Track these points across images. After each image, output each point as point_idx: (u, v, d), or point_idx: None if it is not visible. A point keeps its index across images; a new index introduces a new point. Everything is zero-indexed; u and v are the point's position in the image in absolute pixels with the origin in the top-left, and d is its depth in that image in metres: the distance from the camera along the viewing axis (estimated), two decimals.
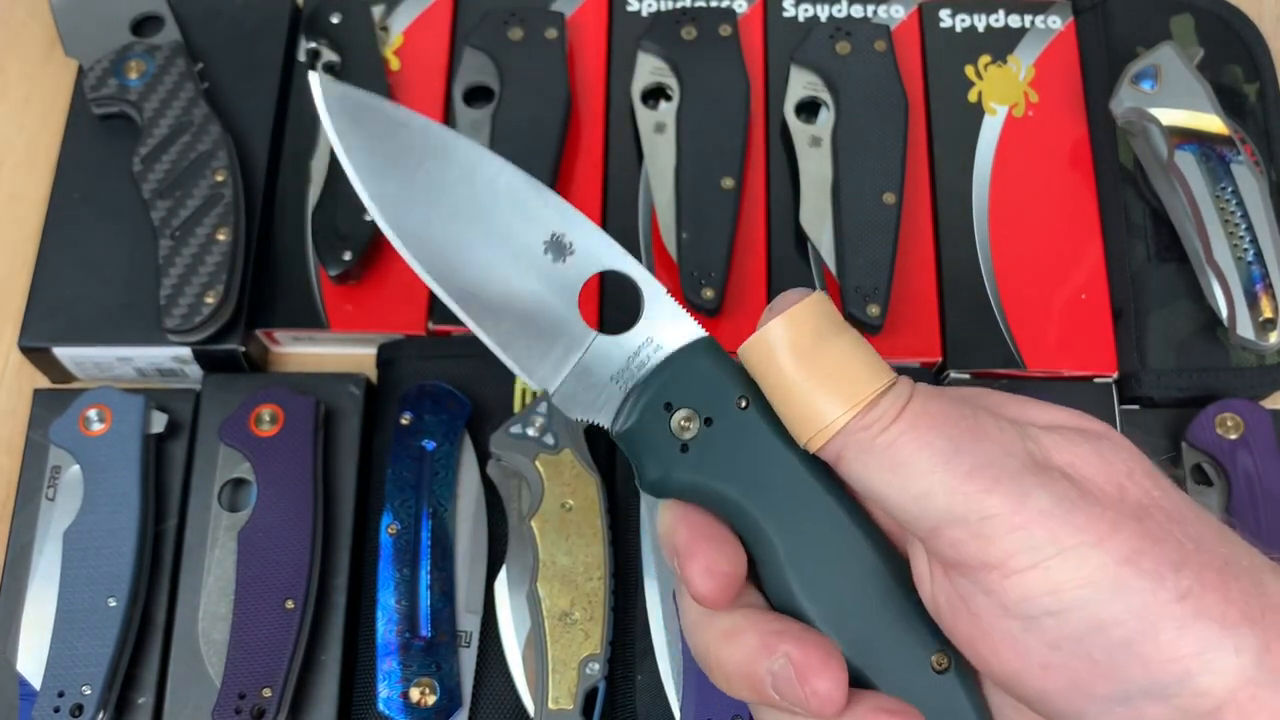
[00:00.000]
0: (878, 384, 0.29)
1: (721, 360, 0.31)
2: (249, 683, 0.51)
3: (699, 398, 0.31)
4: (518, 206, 0.32)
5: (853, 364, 0.29)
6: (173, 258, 0.59)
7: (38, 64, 0.70)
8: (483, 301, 0.32)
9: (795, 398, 0.29)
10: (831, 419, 0.29)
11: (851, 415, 0.29)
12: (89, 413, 0.56)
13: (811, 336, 0.29)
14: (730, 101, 0.64)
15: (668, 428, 0.31)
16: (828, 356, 0.29)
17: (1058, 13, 0.69)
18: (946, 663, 0.31)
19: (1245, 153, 0.60)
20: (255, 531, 0.54)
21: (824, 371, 0.29)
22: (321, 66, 0.66)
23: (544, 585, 0.53)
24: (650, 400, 0.31)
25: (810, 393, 0.29)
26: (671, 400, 0.31)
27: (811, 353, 0.29)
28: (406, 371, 0.60)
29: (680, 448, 0.31)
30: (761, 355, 0.30)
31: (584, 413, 0.32)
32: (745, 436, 0.30)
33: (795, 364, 0.29)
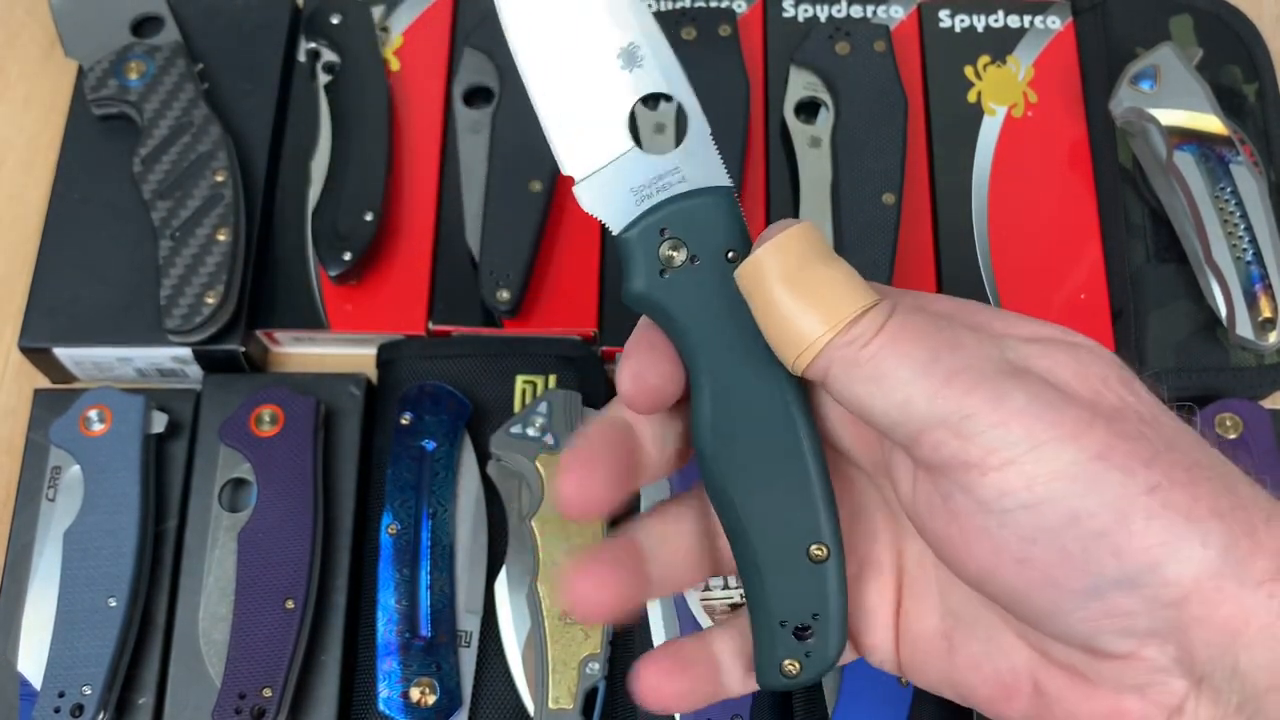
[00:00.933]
0: (859, 304, 0.30)
1: (731, 212, 0.33)
2: (249, 683, 0.51)
3: (694, 235, 0.33)
4: (612, 8, 0.34)
5: (836, 286, 0.30)
6: (173, 258, 0.59)
7: (38, 65, 0.70)
8: (551, 77, 0.34)
9: (780, 319, 0.31)
10: (814, 337, 0.30)
11: (833, 333, 0.30)
12: (89, 413, 0.56)
13: (797, 261, 0.30)
14: (730, 102, 0.64)
15: (656, 250, 0.33)
16: (812, 280, 0.30)
17: (1057, 13, 0.69)
18: (825, 554, 0.33)
19: (1244, 153, 0.60)
20: (255, 532, 0.54)
21: (808, 294, 0.30)
22: (321, 67, 0.66)
23: (544, 585, 0.53)
24: (653, 220, 0.33)
25: (795, 314, 0.30)
26: (668, 226, 0.33)
27: (797, 276, 0.30)
28: (406, 372, 0.60)
29: (660, 271, 0.33)
30: (751, 280, 0.31)
31: (597, 209, 0.34)
32: (720, 285, 0.32)
33: (781, 287, 0.30)
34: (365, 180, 0.62)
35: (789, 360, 0.31)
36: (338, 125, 0.64)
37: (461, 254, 0.63)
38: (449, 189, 0.64)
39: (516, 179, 0.62)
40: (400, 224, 0.63)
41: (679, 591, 0.48)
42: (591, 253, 0.63)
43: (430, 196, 0.64)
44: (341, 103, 0.65)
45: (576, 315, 0.62)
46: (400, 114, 0.66)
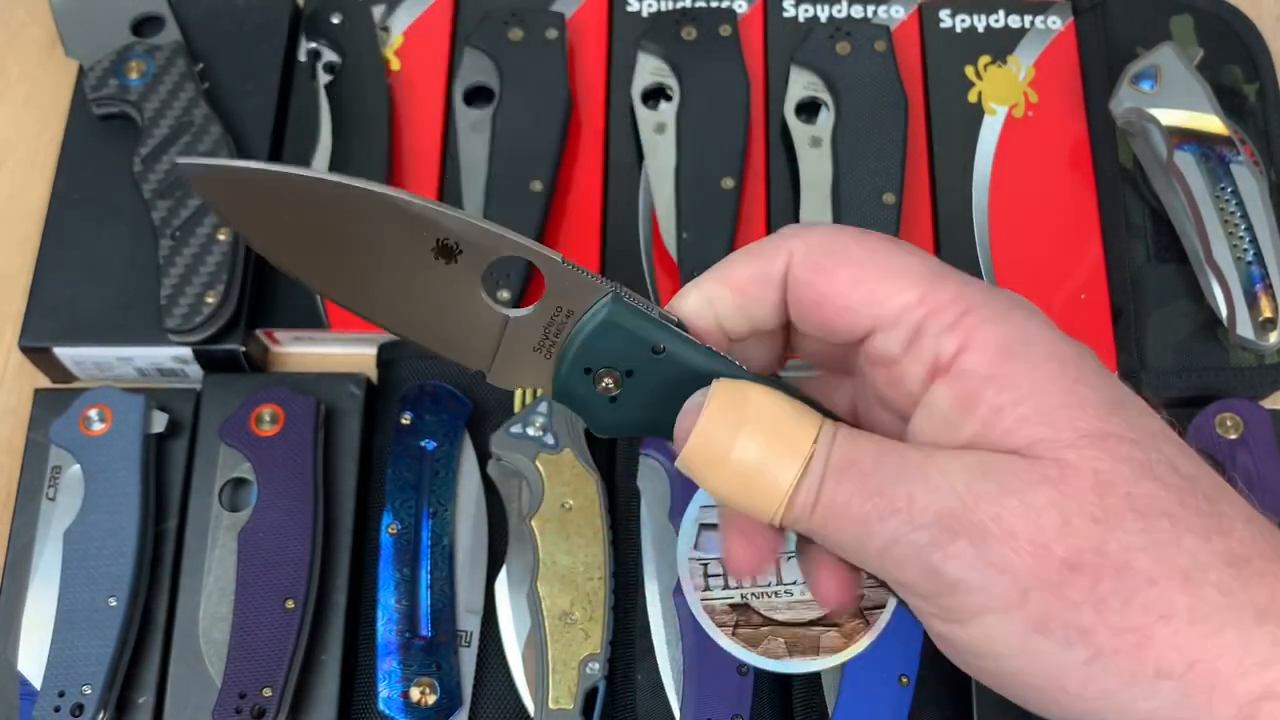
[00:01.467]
0: (787, 478, 0.30)
1: (631, 315, 0.32)
2: (249, 682, 0.51)
3: (615, 357, 0.32)
4: (398, 223, 0.32)
5: (760, 472, 0.30)
6: (173, 258, 0.59)
7: (38, 64, 0.70)
8: (399, 317, 0.33)
9: (736, 505, 0.31)
10: (769, 518, 0.31)
11: (780, 516, 0.30)
12: (89, 413, 0.56)
13: (718, 450, 0.30)
14: (730, 102, 0.64)
15: (593, 388, 0.33)
16: (738, 469, 0.30)
17: (1057, 13, 0.69)
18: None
19: (1245, 153, 0.60)
20: (256, 531, 0.54)
21: (740, 481, 0.31)
22: (322, 67, 0.66)
23: (544, 585, 0.53)
24: (570, 368, 0.33)
25: (742, 502, 0.31)
26: (590, 365, 0.32)
27: (723, 466, 0.31)
28: (407, 371, 0.60)
29: (609, 400, 0.33)
30: (692, 475, 0.32)
31: (523, 384, 0.34)
32: (667, 378, 0.32)
33: (717, 483, 0.31)
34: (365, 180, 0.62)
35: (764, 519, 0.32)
36: (338, 125, 0.64)
37: None
38: (449, 188, 0.64)
39: (517, 178, 0.62)
40: None
41: None
42: (591, 253, 0.63)
43: (430, 196, 0.64)
44: (342, 102, 0.65)
45: None
46: (401, 114, 0.66)
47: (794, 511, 0.30)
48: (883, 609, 0.51)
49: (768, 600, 0.52)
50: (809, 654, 0.52)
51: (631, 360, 0.32)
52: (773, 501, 0.30)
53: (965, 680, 0.54)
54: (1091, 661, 0.27)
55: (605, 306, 0.32)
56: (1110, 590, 0.27)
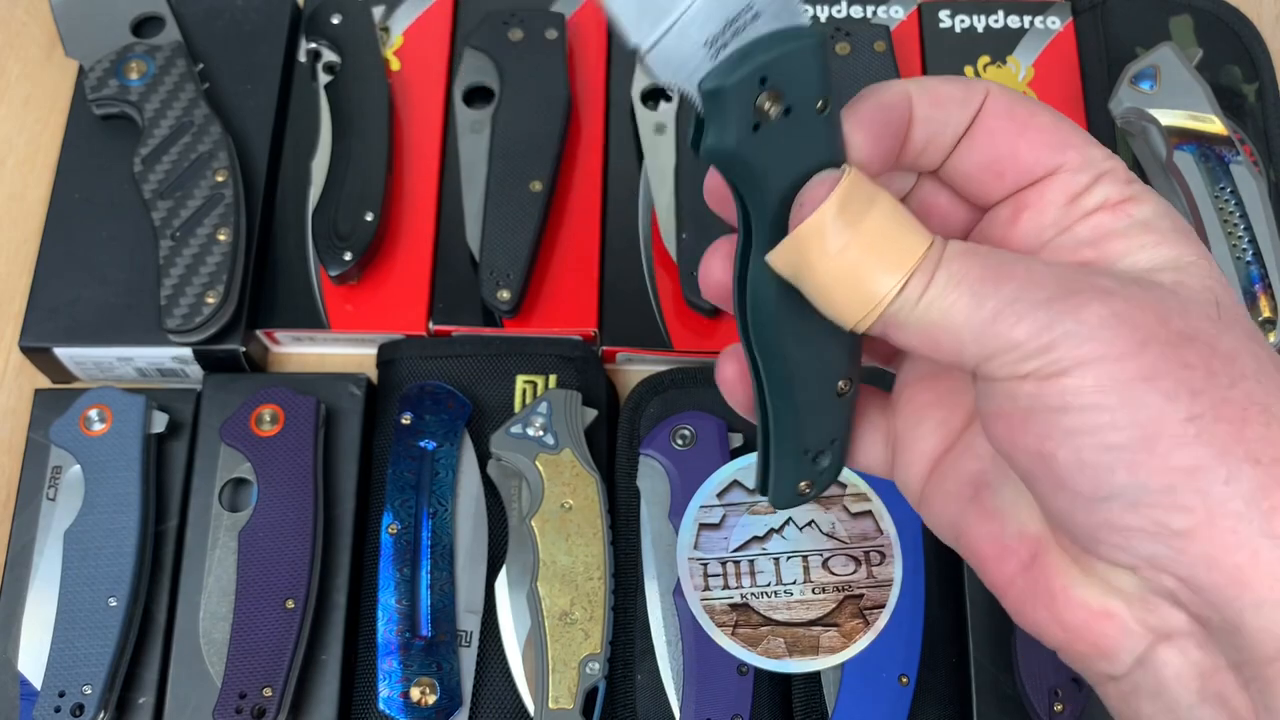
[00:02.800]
0: (908, 265, 0.29)
1: (822, 58, 0.30)
2: (250, 682, 0.51)
3: (792, 84, 0.30)
4: None
5: (882, 250, 0.29)
6: (173, 258, 0.59)
7: (38, 64, 0.70)
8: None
9: (829, 296, 0.30)
10: (868, 309, 0.30)
11: (884, 305, 0.29)
12: (90, 413, 0.56)
13: (839, 232, 0.29)
14: None
15: (752, 102, 0.30)
16: (856, 249, 0.30)
17: (1057, 13, 0.69)
18: (847, 388, 0.34)
19: (1244, 153, 0.60)
20: (256, 531, 0.54)
21: (853, 265, 0.30)
22: (322, 67, 0.66)
23: (544, 585, 0.53)
24: (750, 68, 0.29)
25: (845, 288, 0.30)
26: (768, 76, 0.30)
27: (840, 251, 0.30)
28: (407, 371, 0.60)
29: (754, 125, 0.30)
30: (806, 246, 0.30)
31: (674, 76, 0.30)
32: (810, 142, 0.30)
33: (825, 265, 0.30)
34: (366, 180, 0.62)
35: (850, 324, 0.31)
36: (338, 125, 0.64)
37: (462, 254, 0.63)
38: (449, 189, 0.64)
39: (517, 179, 0.62)
40: (401, 224, 0.63)
41: None
42: (591, 253, 0.63)
43: (430, 196, 0.64)
44: (342, 103, 0.65)
45: (576, 315, 0.62)
46: (401, 114, 0.66)
47: (903, 295, 0.29)
48: (882, 609, 0.51)
49: (767, 600, 0.52)
50: (809, 654, 0.52)
51: (800, 99, 0.30)
52: (882, 286, 0.29)
53: (965, 680, 0.54)
54: (1192, 420, 0.27)
55: (807, 30, 0.30)
56: (1221, 368, 0.27)
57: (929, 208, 0.35)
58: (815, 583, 0.52)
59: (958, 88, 0.32)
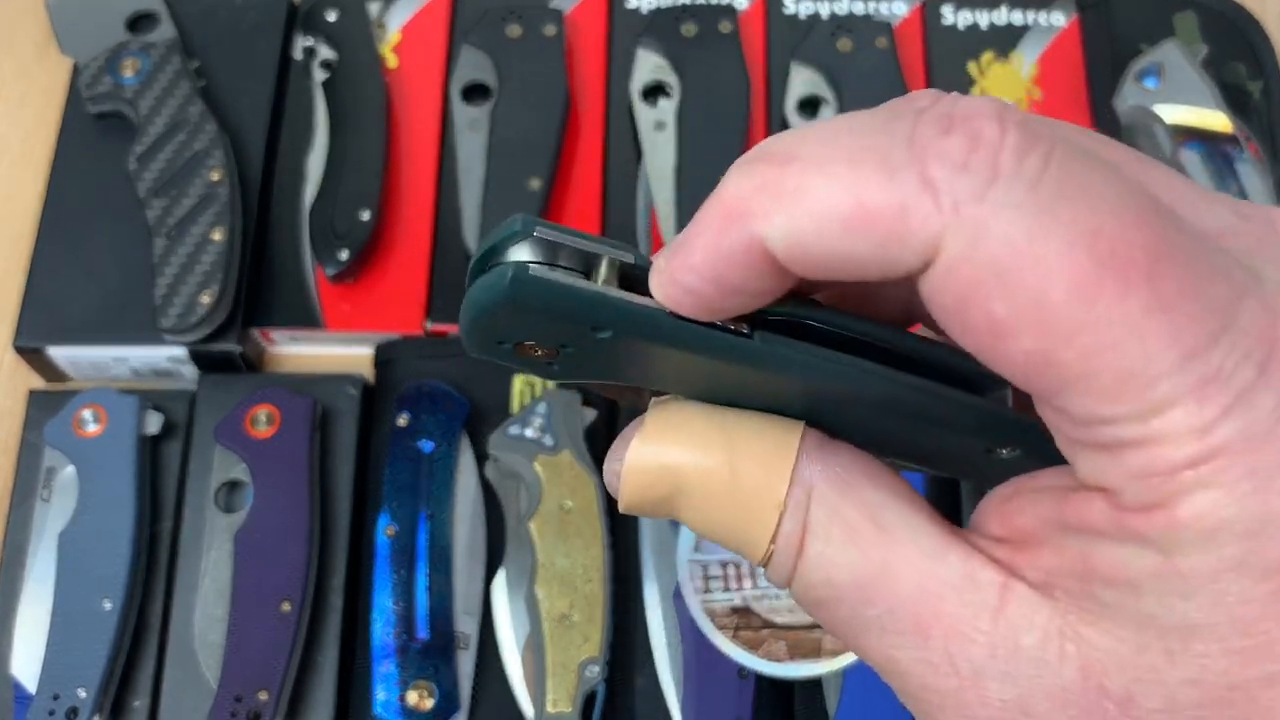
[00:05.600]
0: (765, 533, 0.23)
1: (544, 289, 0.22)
2: (245, 685, 0.51)
3: (536, 334, 0.23)
4: None
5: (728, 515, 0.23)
6: (168, 257, 0.59)
7: (32, 62, 0.70)
8: None
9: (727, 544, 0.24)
10: (760, 557, 0.24)
11: (769, 554, 0.24)
12: (84, 413, 0.55)
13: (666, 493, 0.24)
14: (731, 99, 0.64)
15: (515, 356, 0.24)
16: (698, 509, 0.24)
17: (1061, 10, 0.68)
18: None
19: (1249, 150, 0.60)
20: (251, 533, 0.54)
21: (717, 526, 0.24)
22: (318, 64, 0.66)
23: (542, 587, 0.53)
24: (472, 341, 0.23)
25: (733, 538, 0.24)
26: (502, 339, 0.23)
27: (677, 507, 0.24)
28: (404, 372, 0.59)
29: (546, 364, 0.24)
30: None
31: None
32: (621, 349, 0.23)
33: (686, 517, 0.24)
34: (362, 178, 0.62)
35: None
36: (334, 123, 0.64)
37: (459, 252, 0.62)
38: (447, 187, 0.64)
39: (515, 177, 0.62)
40: (398, 222, 0.63)
41: None
42: None
43: (428, 194, 0.64)
44: (338, 100, 0.64)
45: None
46: (398, 111, 0.65)
47: (774, 561, 0.23)
48: None
49: (768, 603, 0.52)
50: (810, 657, 0.52)
51: (562, 337, 0.23)
52: (755, 552, 0.23)
53: None
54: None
55: (507, 274, 0.22)
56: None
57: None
58: None
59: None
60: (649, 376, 0.24)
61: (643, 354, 0.23)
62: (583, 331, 0.22)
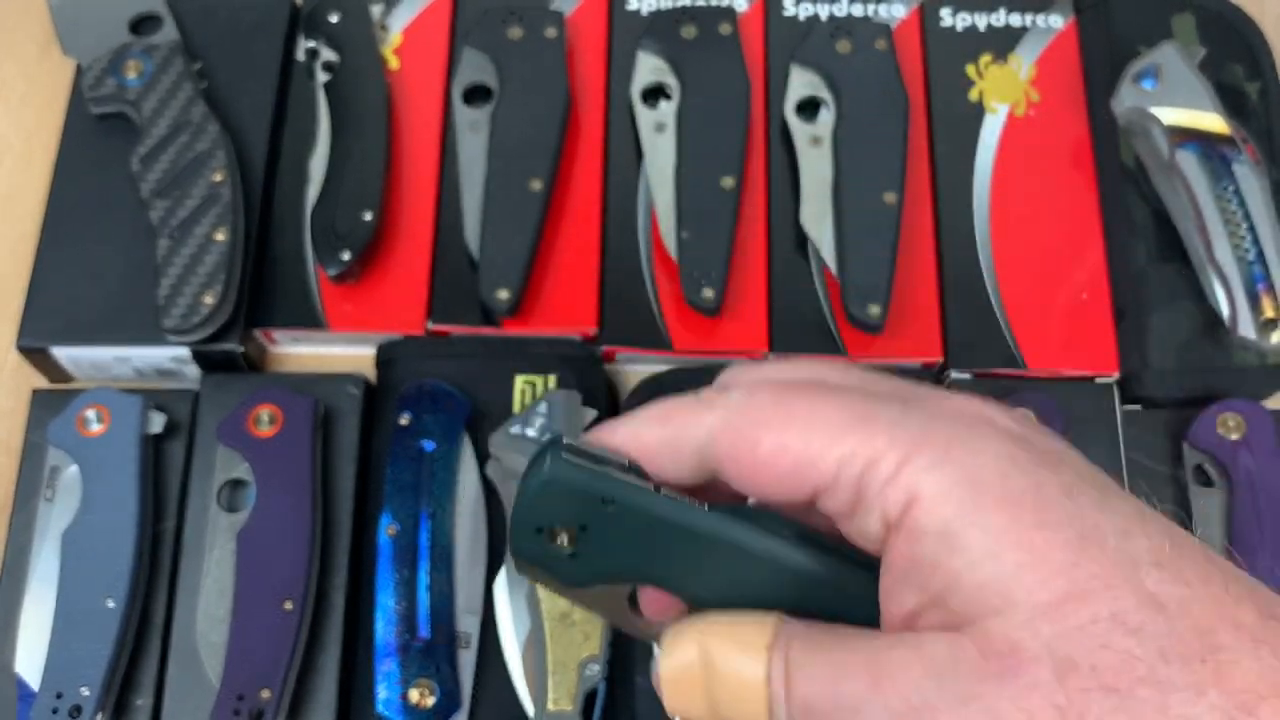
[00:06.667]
0: (759, 671, 0.28)
1: (572, 469, 0.29)
2: (247, 684, 0.51)
3: (559, 514, 0.29)
4: None
5: (733, 701, 0.28)
6: (171, 257, 0.59)
7: (35, 63, 0.70)
8: None
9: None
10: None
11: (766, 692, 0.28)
12: (87, 413, 0.56)
13: (689, 681, 0.29)
14: (730, 101, 0.64)
15: (548, 546, 0.30)
16: (718, 709, 0.29)
17: (1059, 11, 0.69)
18: None
19: (1247, 152, 0.60)
20: (254, 532, 0.54)
21: (720, 697, 0.29)
22: (320, 66, 0.66)
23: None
24: (518, 529, 0.30)
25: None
26: (540, 524, 0.30)
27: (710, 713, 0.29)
28: (405, 371, 0.60)
29: (569, 556, 0.30)
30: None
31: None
32: (624, 527, 0.29)
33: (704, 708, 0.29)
34: (364, 179, 0.62)
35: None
36: (336, 124, 0.64)
37: (460, 253, 0.63)
38: (448, 188, 0.64)
39: (516, 178, 0.62)
40: (399, 223, 0.63)
41: None
42: (591, 252, 0.63)
43: (429, 196, 0.64)
44: (340, 101, 0.64)
45: (576, 315, 0.61)
46: (399, 113, 0.66)
47: (775, 686, 0.28)
48: None
49: None
50: None
51: (581, 516, 0.29)
52: (759, 681, 0.28)
53: None
54: None
55: (549, 456, 0.29)
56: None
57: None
58: None
59: (665, 434, 0.30)
60: (648, 566, 0.30)
61: (640, 533, 0.29)
62: (596, 506, 0.29)
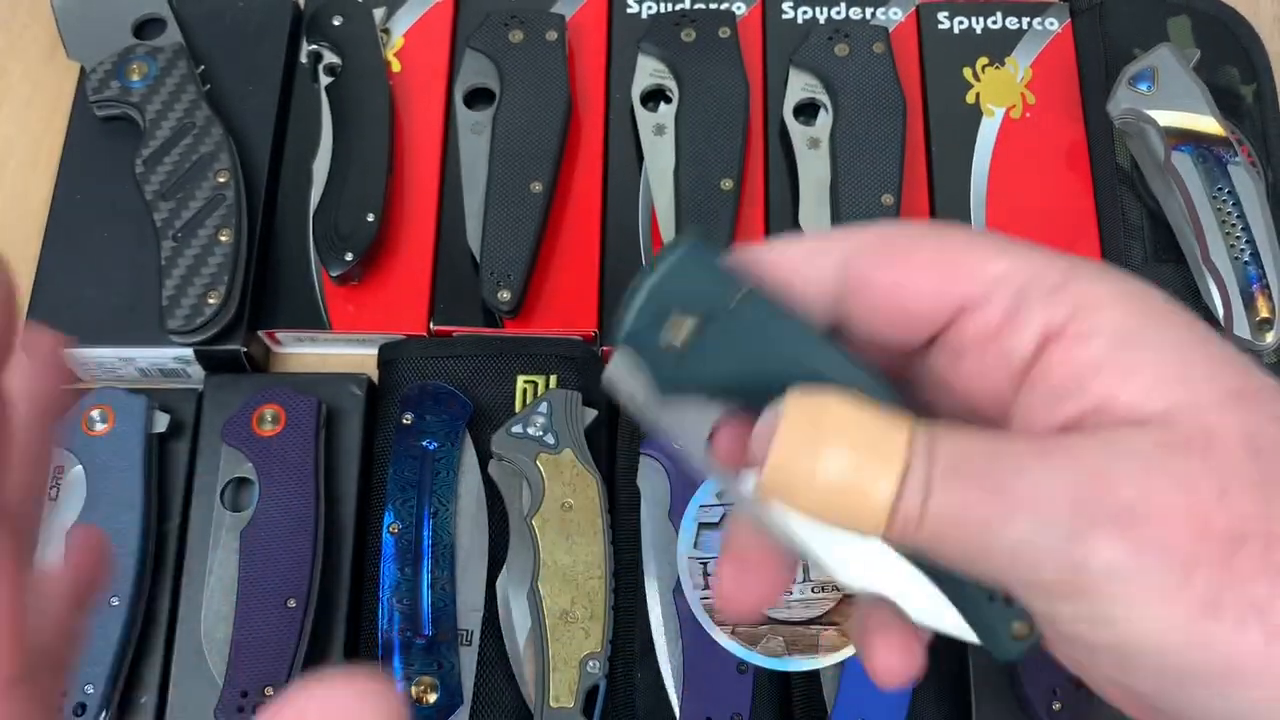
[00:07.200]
0: (886, 492, 0.25)
1: (706, 252, 0.28)
2: (251, 681, 0.52)
3: (689, 297, 0.28)
4: None
5: (851, 478, 0.25)
6: (175, 259, 0.59)
7: (40, 66, 0.70)
8: None
9: (832, 507, 0.26)
10: (879, 512, 0.26)
11: (883, 532, 0.26)
12: (92, 413, 0.56)
13: (801, 474, 0.25)
14: (729, 103, 0.65)
15: (662, 336, 0.28)
16: (824, 487, 0.25)
17: (1055, 14, 0.69)
18: None
19: (1242, 154, 0.61)
20: (257, 531, 0.54)
21: (832, 501, 0.26)
22: (323, 69, 0.66)
23: (545, 584, 0.54)
24: (644, 305, 0.28)
25: (843, 497, 0.26)
26: (664, 302, 0.28)
27: (810, 490, 0.26)
28: (408, 371, 0.60)
29: (678, 355, 0.28)
30: (778, 489, 0.26)
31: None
32: (742, 338, 0.28)
33: (807, 506, 0.26)
34: (367, 181, 0.63)
35: (865, 536, 0.27)
36: (339, 126, 0.64)
37: (462, 254, 0.63)
38: (450, 190, 0.65)
39: (517, 180, 0.63)
40: (401, 225, 0.64)
41: None
42: (591, 253, 0.63)
43: (431, 197, 0.64)
44: (343, 104, 0.65)
45: (577, 315, 0.62)
46: (401, 115, 0.66)
47: (897, 527, 0.25)
48: None
49: None
50: (808, 652, 0.52)
51: (709, 304, 0.28)
52: (873, 519, 0.25)
53: (965, 679, 0.54)
54: (1273, 640, 0.23)
55: (686, 242, 0.28)
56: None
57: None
58: (815, 581, 0.53)
59: (807, 248, 0.28)
60: (755, 382, 0.28)
61: (759, 340, 0.28)
62: (726, 297, 0.28)
